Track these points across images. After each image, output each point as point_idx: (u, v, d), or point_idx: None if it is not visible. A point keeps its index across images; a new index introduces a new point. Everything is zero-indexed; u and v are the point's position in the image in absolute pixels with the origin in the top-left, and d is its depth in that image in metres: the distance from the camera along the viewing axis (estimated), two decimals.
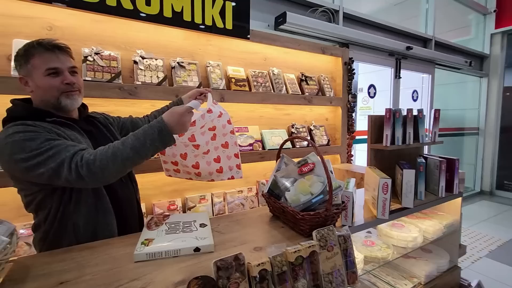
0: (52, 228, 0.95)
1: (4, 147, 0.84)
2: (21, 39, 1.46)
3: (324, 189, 0.94)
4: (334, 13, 2.79)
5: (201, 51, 2.03)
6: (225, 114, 1.19)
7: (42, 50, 0.94)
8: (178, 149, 1.17)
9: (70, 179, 0.84)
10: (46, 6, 1.48)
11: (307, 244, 0.80)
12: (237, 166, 1.25)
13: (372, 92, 3.50)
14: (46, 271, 0.72)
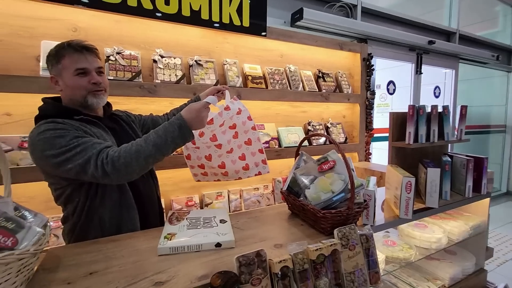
0: (79, 221, 1.00)
1: (36, 143, 0.89)
2: (48, 40, 1.53)
3: (345, 187, 0.92)
4: (352, 8, 2.73)
5: (218, 49, 2.04)
6: (244, 111, 1.18)
7: (72, 51, 0.98)
8: (202, 152, 1.18)
9: (96, 175, 0.87)
10: (70, 9, 1.53)
11: (329, 243, 0.79)
12: (262, 161, 1.24)
13: (392, 89, 3.40)
14: (76, 261, 0.75)
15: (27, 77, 1.40)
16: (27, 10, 1.49)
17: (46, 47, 1.51)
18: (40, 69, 1.48)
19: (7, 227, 0.61)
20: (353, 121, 2.63)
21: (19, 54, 1.50)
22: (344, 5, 2.68)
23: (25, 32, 1.51)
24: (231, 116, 1.17)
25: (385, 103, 4.22)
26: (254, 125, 1.20)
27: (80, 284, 0.64)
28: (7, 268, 0.56)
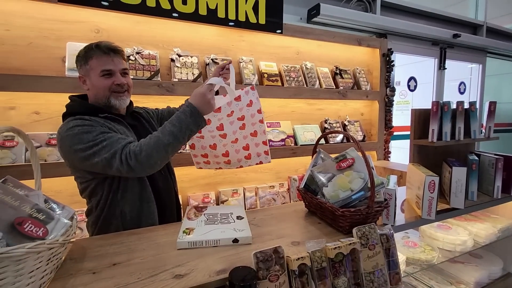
0: (102, 213, 1.04)
1: (65, 138, 0.93)
2: (73, 42, 1.60)
3: (365, 186, 0.90)
4: (370, 2, 2.65)
5: (234, 47, 2.05)
6: (256, 103, 1.16)
7: (100, 53, 1.02)
8: (206, 141, 1.19)
9: (121, 169, 0.90)
10: (93, 11, 1.59)
11: (348, 241, 0.78)
12: (265, 152, 1.23)
13: (413, 85, 3.27)
14: (100, 252, 0.78)
15: (54, 77, 1.47)
16: (54, 14, 1.57)
17: (71, 49, 1.58)
18: (66, 70, 1.55)
19: (39, 218, 0.64)
20: (372, 119, 2.56)
21: (47, 55, 1.58)
22: (363, 0, 2.61)
23: (52, 34, 1.59)
24: (241, 108, 1.15)
25: (405, 100, 4.08)
26: (262, 118, 1.18)
27: (105, 274, 0.67)
28: (38, 256, 0.59)
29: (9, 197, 0.63)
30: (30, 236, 0.61)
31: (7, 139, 1.46)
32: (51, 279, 0.65)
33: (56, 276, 0.67)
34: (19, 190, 0.69)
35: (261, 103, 1.19)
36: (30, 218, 0.63)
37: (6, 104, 1.51)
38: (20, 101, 1.53)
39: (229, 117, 1.14)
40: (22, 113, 1.54)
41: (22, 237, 0.60)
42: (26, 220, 0.62)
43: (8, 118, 1.52)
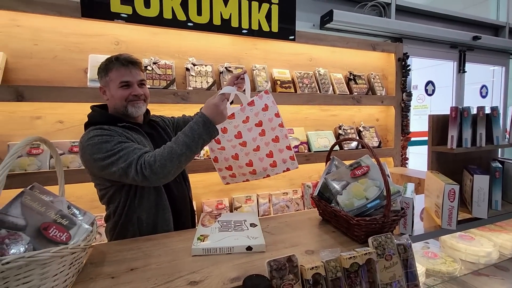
0: (120, 220, 1.07)
1: (86, 147, 0.98)
2: (95, 54, 1.69)
3: (380, 194, 0.88)
4: (385, 7, 2.62)
5: (247, 55, 2.08)
6: (272, 107, 1.13)
7: (119, 65, 1.07)
8: (228, 152, 1.18)
9: (136, 179, 0.93)
10: (113, 24, 1.68)
11: (363, 251, 0.76)
12: (290, 157, 1.19)
13: (430, 90, 3.18)
14: (118, 257, 0.81)
15: (76, 88, 1.55)
16: (77, 28, 1.66)
17: (93, 60, 1.67)
18: (88, 80, 1.63)
19: (62, 223, 0.68)
20: (388, 124, 2.51)
21: (70, 67, 1.67)
22: (377, 4, 2.59)
23: (75, 47, 1.68)
24: (256, 113, 1.14)
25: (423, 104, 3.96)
26: (281, 122, 1.15)
27: (123, 279, 0.69)
28: (62, 260, 0.62)
29: (36, 203, 0.66)
30: (54, 241, 0.65)
31: (33, 147, 1.55)
32: (73, 283, 0.68)
33: (78, 279, 0.70)
34: (45, 197, 0.73)
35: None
36: (55, 224, 0.67)
37: (33, 114, 1.60)
38: (45, 111, 1.62)
39: (245, 123, 1.14)
40: (47, 122, 1.63)
41: (47, 241, 0.64)
42: (51, 225, 0.66)
43: (35, 127, 1.61)
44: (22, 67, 1.57)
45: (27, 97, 1.45)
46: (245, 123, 1.14)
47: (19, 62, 1.57)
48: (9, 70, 1.54)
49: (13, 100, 1.42)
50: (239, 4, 1.84)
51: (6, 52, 1.54)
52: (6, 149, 1.51)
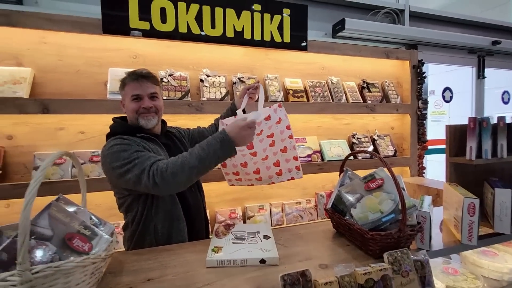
0: (138, 229, 1.11)
1: (106, 156, 1.03)
2: (114, 67, 1.77)
3: (395, 208, 0.87)
4: (398, 14, 2.60)
5: (259, 65, 2.12)
6: (284, 120, 1.16)
7: (131, 80, 1.13)
8: (237, 160, 1.21)
9: (148, 185, 0.96)
10: (131, 39, 1.75)
11: (378, 267, 0.75)
12: (296, 167, 1.21)
13: (448, 96, 3.09)
14: (135, 267, 0.83)
15: (97, 100, 1.63)
16: (98, 44, 1.75)
17: (113, 74, 1.75)
18: (108, 93, 1.71)
19: (85, 234, 0.71)
20: (403, 132, 2.46)
21: (91, 80, 1.75)
22: (390, 11, 2.57)
23: (96, 61, 1.77)
24: (270, 126, 1.17)
25: (441, 110, 3.85)
26: (291, 134, 1.18)
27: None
28: (84, 270, 0.65)
29: (61, 214, 0.70)
30: (77, 251, 0.68)
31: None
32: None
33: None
34: (69, 207, 0.77)
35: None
36: (78, 234, 0.70)
37: (57, 125, 1.69)
38: (68, 122, 1.71)
39: (258, 136, 1.17)
40: (69, 133, 1.72)
41: (71, 251, 0.67)
42: (75, 236, 0.69)
43: (58, 138, 1.70)
44: (47, 81, 1.67)
45: (52, 109, 1.53)
46: (258, 135, 1.16)
47: (45, 76, 1.67)
48: (36, 84, 1.64)
49: (39, 112, 1.51)
50: (251, 16, 1.88)
51: (34, 67, 1.64)
52: (32, 159, 1.59)
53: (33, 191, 0.58)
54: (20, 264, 0.55)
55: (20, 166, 1.62)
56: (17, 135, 1.62)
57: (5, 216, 1.59)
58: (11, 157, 1.61)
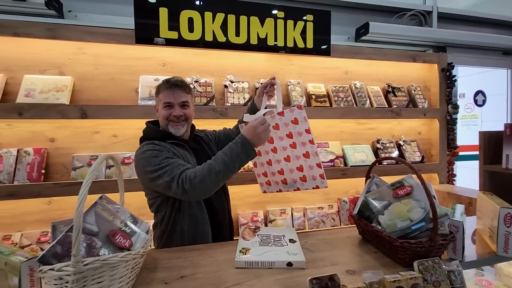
0: (166, 229, 1.17)
1: (139, 160, 1.11)
2: (145, 75, 1.87)
3: (426, 216, 0.85)
4: (425, 15, 2.52)
5: (282, 71, 2.14)
6: (303, 123, 1.15)
7: (165, 87, 1.20)
8: (263, 158, 1.26)
9: (177, 192, 1.02)
10: (160, 48, 1.85)
11: (408, 275, 0.74)
12: (320, 176, 1.20)
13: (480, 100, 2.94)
14: (168, 264, 0.88)
15: (129, 106, 1.74)
16: (130, 53, 1.87)
17: (143, 81, 1.86)
18: (139, 99, 1.81)
19: (126, 231, 0.77)
20: (431, 138, 2.37)
21: (124, 87, 1.87)
22: (417, 13, 2.50)
23: (128, 69, 1.88)
24: (286, 123, 1.16)
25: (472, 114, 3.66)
26: (312, 139, 1.16)
27: (175, 285, 0.76)
28: (126, 264, 0.70)
29: (106, 212, 0.77)
30: (119, 247, 0.74)
31: (92, 158, 1.75)
32: (133, 285, 0.76)
33: (136, 283, 0.78)
34: (111, 206, 0.83)
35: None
36: (120, 231, 0.76)
37: (93, 129, 1.82)
38: (103, 126, 1.83)
39: (276, 130, 1.18)
40: (104, 136, 1.84)
41: (114, 247, 0.73)
42: (117, 233, 0.75)
43: (94, 141, 1.82)
44: (85, 88, 1.80)
45: (89, 114, 1.65)
46: (276, 129, 1.18)
47: (83, 84, 1.80)
48: (75, 91, 1.78)
49: (79, 117, 1.64)
50: (274, 23, 1.92)
51: (74, 76, 1.78)
52: (71, 160, 1.72)
53: (85, 190, 0.64)
54: (74, 256, 0.61)
55: (60, 166, 1.76)
56: (59, 138, 1.76)
57: (47, 212, 1.73)
58: (52, 158, 1.75)
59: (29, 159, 1.65)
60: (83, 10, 1.88)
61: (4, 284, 0.69)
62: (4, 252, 0.73)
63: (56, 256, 0.67)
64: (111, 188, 1.53)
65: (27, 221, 1.70)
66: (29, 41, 1.67)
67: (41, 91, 1.65)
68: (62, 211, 1.74)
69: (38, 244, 1.66)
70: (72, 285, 0.62)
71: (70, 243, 0.66)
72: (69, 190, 1.60)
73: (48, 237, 1.68)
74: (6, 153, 1.63)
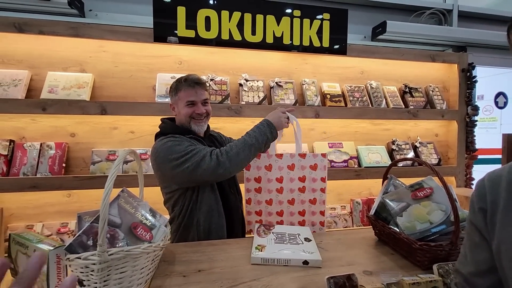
0: (183, 221, 1.20)
1: (160, 151, 1.14)
2: (162, 73, 1.91)
3: (446, 219, 0.83)
4: (445, 14, 2.45)
5: (297, 70, 2.14)
6: (321, 170, 1.18)
7: (186, 86, 1.22)
8: (263, 196, 1.22)
9: (210, 166, 1.07)
10: (177, 46, 1.88)
11: (428, 278, 0.73)
12: (321, 223, 1.22)
13: (502, 102, 2.84)
14: (186, 258, 0.90)
15: (146, 103, 1.77)
16: (148, 51, 1.90)
17: (161, 78, 1.89)
18: (156, 96, 1.85)
19: (147, 224, 0.79)
20: (449, 140, 2.31)
21: (142, 84, 1.91)
22: (436, 12, 2.43)
23: (146, 67, 1.92)
24: (304, 166, 1.19)
25: (492, 117, 3.54)
26: (324, 188, 1.19)
27: (193, 279, 0.77)
28: (147, 256, 0.73)
29: (128, 205, 0.79)
30: (140, 239, 0.76)
31: (110, 153, 1.80)
32: (153, 276, 0.79)
33: (156, 274, 0.80)
34: (132, 200, 0.86)
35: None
36: (141, 224, 0.78)
37: (111, 125, 1.87)
38: (121, 122, 1.88)
39: (290, 170, 1.19)
40: (122, 132, 1.89)
41: (136, 239, 0.75)
42: (139, 225, 0.77)
43: (112, 136, 1.87)
44: (105, 85, 1.85)
45: (109, 111, 1.70)
46: (290, 170, 1.19)
47: (103, 81, 1.85)
48: (96, 88, 1.83)
49: (98, 114, 1.69)
50: (291, 22, 1.92)
51: (94, 73, 1.83)
52: (90, 155, 1.78)
53: (111, 183, 0.66)
54: (100, 246, 0.63)
55: (80, 160, 1.82)
56: (79, 133, 1.82)
57: (67, 204, 1.79)
58: (73, 152, 1.81)
59: (51, 153, 1.71)
60: (103, 9, 1.93)
61: None
62: (33, 240, 0.76)
63: (82, 246, 0.70)
64: (128, 183, 1.57)
65: (48, 212, 1.77)
66: (53, 39, 1.73)
67: (64, 88, 1.71)
68: (81, 203, 1.80)
69: (58, 234, 1.72)
70: (97, 274, 0.64)
71: (95, 234, 0.69)
72: (88, 183, 1.65)
73: (67, 228, 1.74)
74: (30, 147, 1.70)
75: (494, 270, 0.50)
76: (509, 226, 0.47)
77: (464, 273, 0.57)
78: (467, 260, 0.57)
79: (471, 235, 0.57)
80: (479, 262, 0.53)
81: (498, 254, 0.49)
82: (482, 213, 0.53)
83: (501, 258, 0.48)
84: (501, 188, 0.50)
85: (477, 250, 0.54)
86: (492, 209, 0.51)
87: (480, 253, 0.53)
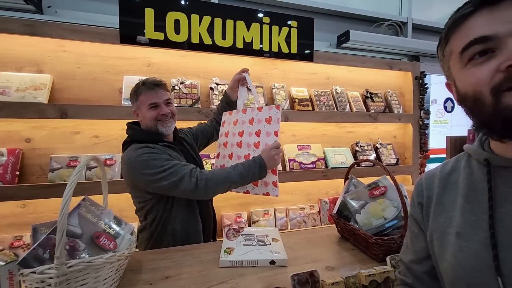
0: (156, 230, 1.16)
1: (135, 163, 1.09)
2: (129, 75, 1.85)
3: (398, 214, 0.92)
4: (401, 26, 2.67)
5: (267, 75, 2.19)
6: (274, 124, 1.13)
7: (146, 89, 1.19)
8: (227, 150, 1.29)
9: (188, 188, 1.05)
10: (145, 48, 1.84)
11: (382, 269, 0.80)
12: (273, 183, 1.14)
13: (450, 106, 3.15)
14: (153, 266, 0.89)
15: (111, 107, 1.71)
16: (114, 53, 1.83)
17: (128, 81, 1.83)
18: (122, 99, 1.78)
19: (110, 233, 0.77)
20: (405, 141, 2.51)
21: (107, 87, 1.83)
22: (393, 24, 2.64)
23: (112, 69, 1.85)
24: (260, 120, 1.16)
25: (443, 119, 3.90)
26: (277, 141, 1.13)
27: (160, 286, 0.77)
28: (111, 266, 0.71)
29: (90, 214, 0.76)
30: (104, 248, 0.74)
31: (72, 160, 1.70)
32: (117, 287, 0.77)
33: (120, 285, 0.78)
34: (95, 208, 0.83)
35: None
36: (104, 233, 0.76)
37: (73, 129, 1.76)
38: (84, 126, 1.78)
39: (250, 124, 1.20)
40: (84, 137, 1.79)
41: (99, 249, 0.73)
42: (102, 235, 0.75)
43: (73, 141, 1.77)
44: (66, 87, 1.75)
45: (70, 115, 1.60)
46: (250, 124, 1.21)
47: (64, 83, 1.75)
48: (55, 90, 1.72)
49: (57, 117, 1.59)
50: (260, 28, 1.97)
51: (53, 74, 1.72)
52: (48, 161, 1.66)
53: (70, 191, 0.64)
54: (58, 259, 0.61)
55: (37, 167, 1.69)
56: (35, 138, 1.70)
57: (21, 215, 1.66)
58: (28, 159, 1.68)
59: (3, 160, 1.57)
60: (64, 6, 1.83)
61: None
62: None
63: (37, 259, 0.66)
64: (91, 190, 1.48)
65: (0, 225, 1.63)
66: (5, 36, 1.59)
67: (18, 89, 1.59)
68: (38, 214, 1.68)
69: (11, 249, 1.58)
70: None
71: (52, 246, 0.66)
72: (45, 192, 1.54)
73: (21, 241, 1.61)
74: None
75: (430, 257, 0.57)
76: (439, 217, 0.55)
77: (405, 261, 0.64)
78: (408, 250, 0.64)
79: (411, 227, 0.64)
80: (417, 251, 0.60)
81: (430, 242, 0.56)
82: (420, 207, 0.60)
83: (433, 245, 0.55)
84: (435, 184, 0.58)
85: (416, 240, 0.61)
86: (427, 203, 0.58)
87: (418, 243, 0.60)
